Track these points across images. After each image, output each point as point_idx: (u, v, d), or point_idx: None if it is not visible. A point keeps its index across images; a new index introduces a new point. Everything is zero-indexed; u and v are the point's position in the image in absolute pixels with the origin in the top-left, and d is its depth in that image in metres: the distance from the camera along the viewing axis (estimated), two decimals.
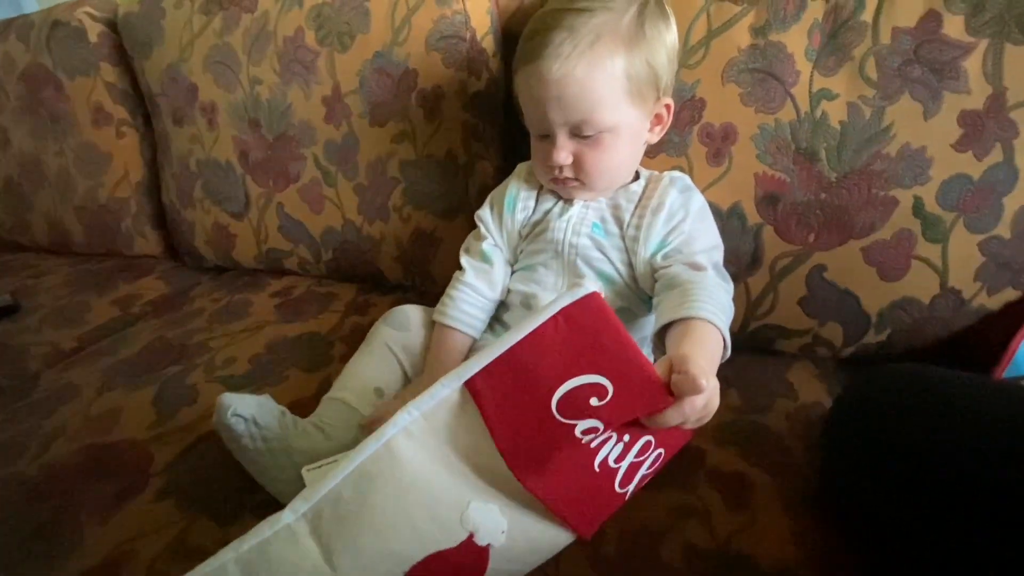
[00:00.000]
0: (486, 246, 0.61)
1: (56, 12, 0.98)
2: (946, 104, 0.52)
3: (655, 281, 0.53)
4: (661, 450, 0.40)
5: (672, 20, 0.54)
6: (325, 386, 0.61)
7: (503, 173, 0.67)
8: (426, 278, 0.80)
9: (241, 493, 0.49)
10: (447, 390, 0.36)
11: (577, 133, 0.52)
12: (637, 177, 0.59)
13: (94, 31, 0.95)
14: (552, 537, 0.40)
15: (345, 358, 0.66)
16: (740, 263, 0.62)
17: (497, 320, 0.61)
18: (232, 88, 0.82)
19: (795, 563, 0.42)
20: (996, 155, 0.52)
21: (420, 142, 0.74)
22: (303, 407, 0.56)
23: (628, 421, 0.36)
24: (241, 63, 0.81)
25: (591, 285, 0.37)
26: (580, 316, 0.36)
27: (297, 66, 0.77)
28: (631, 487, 0.39)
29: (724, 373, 0.61)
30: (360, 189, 0.79)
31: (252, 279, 0.91)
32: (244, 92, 0.81)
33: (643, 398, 0.35)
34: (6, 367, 0.74)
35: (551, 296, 0.57)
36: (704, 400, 0.36)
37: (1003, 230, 0.54)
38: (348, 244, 0.82)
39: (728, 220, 0.61)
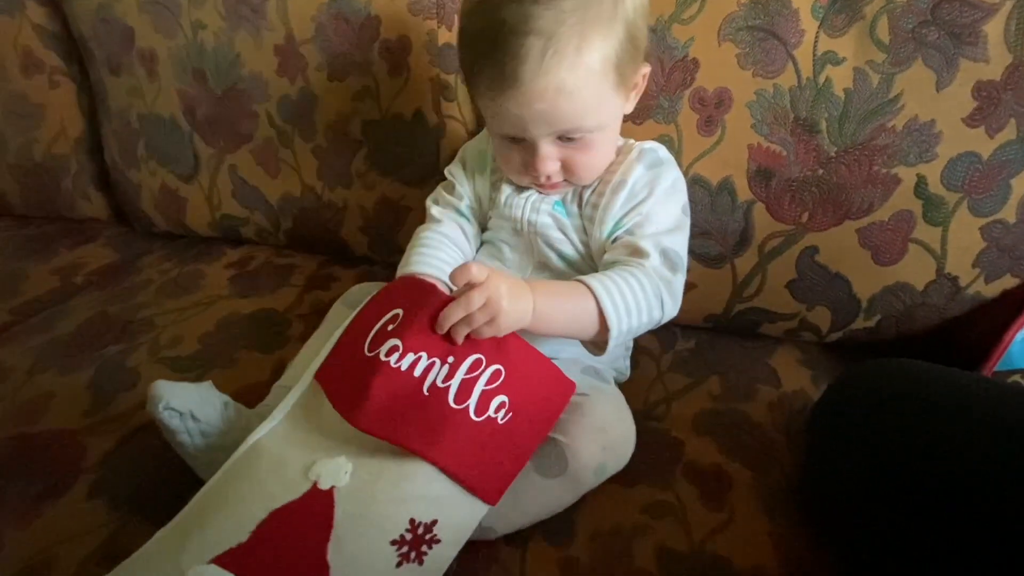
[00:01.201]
0: (458, 201, 0.55)
1: None
2: (961, 73, 0.48)
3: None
4: (498, 366, 0.39)
5: None
6: (280, 369, 0.56)
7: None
8: (394, 250, 0.75)
9: (180, 490, 0.44)
10: (300, 388, 0.43)
11: (563, 138, 0.45)
12: None
13: None
14: (412, 468, 0.37)
15: (303, 338, 0.60)
16: (727, 243, 0.58)
17: None
18: (172, 33, 0.73)
19: (772, 566, 0.40)
20: (1010, 132, 0.48)
21: (384, 100, 0.67)
22: (254, 393, 0.51)
23: (418, 329, 0.39)
24: (181, 5, 0.71)
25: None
26: (392, 287, 0.45)
27: (244, 8, 0.69)
28: (472, 402, 0.38)
29: (706, 357, 0.61)
30: (319, 151, 0.72)
31: (206, 248, 0.84)
32: (186, 38, 0.72)
33: (425, 306, 0.40)
34: None
35: (515, 275, 0.52)
36: (483, 294, 0.37)
37: (1007, 214, 0.50)
38: (308, 212, 0.76)
39: (717, 196, 0.56)
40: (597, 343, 0.44)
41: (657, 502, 0.45)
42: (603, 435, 0.44)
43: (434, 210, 0.55)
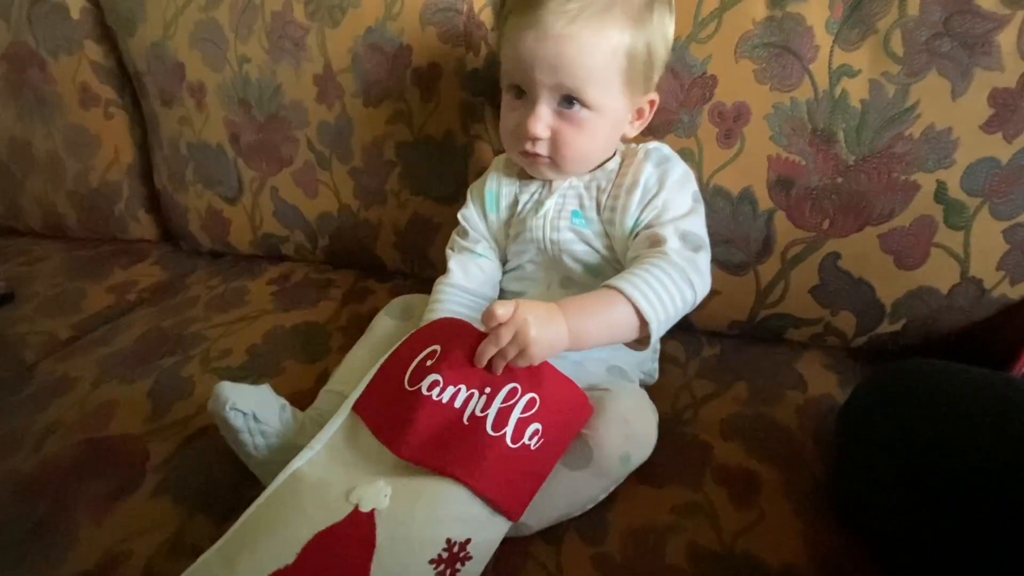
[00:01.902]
0: (473, 244, 0.58)
1: None
2: (976, 82, 0.49)
3: None
4: (533, 394, 0.41)
5: (674, 15, 0.51)
6: (323, 378, 0.60)
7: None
8: (425, 264, 0.78)
9: (238, 488, 0.48)
10: (340, 419, 0.44)
11: (562, 103, 0.48)
12: (614, 154, 0.55)
13: (76, 6, 0.91)
14: (448, 491, 0.39)
15: (344, 349, 0.64)
16: (750, 250, 0.59)
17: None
18: (220, 67, 0.78)
19: (805, 565, 0.41)
20: None
21: (416, 123, 0.71)
22: (301, 400, 0.54)
23: (456, 363, 0.42)
24: (228, 40, 0.77)
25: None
26: (428, 327, 0.47)
27: (286, 43, 0.74)
28: (508, 430, 0.40)
29: (731, 363, 0.62)
30: (355, 172, 0.76)
31: (248, 265, 0.89)
32: (232, 71, 0.78)
33: (461, 342, 0.42)
34: (2, 358, 0.73)
35: (541, 292, 0.55)
36: (510, 330, 0.40)
37: None
38: (344, 230, 0.80)
39: (739, 205, 0.58)
40: (640, 339, 0.45)
41: (688, 503, 0.46)
42: (626, 425, 0.45)
43: (452, 261, 0.58)
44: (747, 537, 0.43)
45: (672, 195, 0.50)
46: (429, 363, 0.43)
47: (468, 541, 0.38)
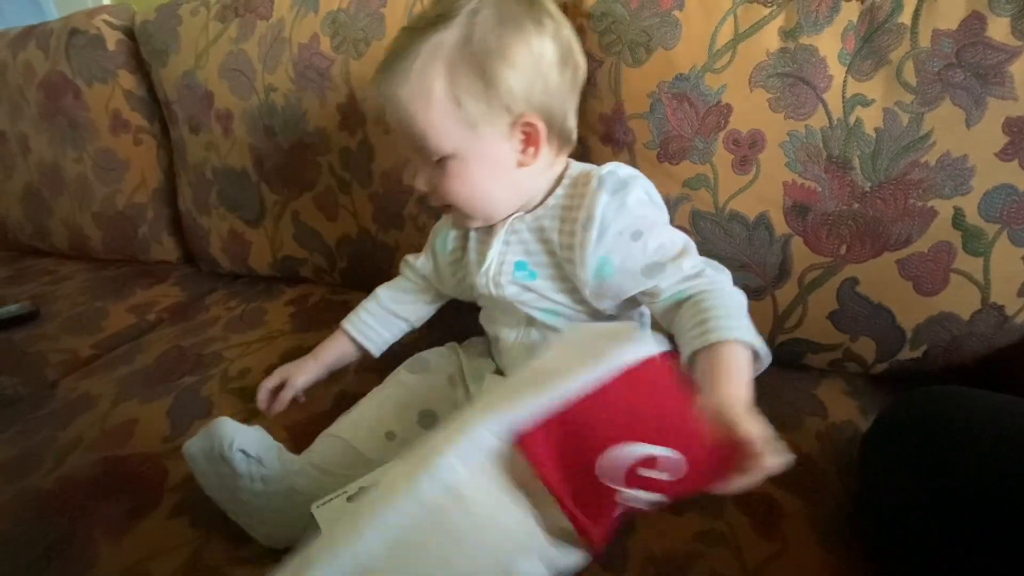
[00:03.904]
0: (414, 275, 0.62)
1: (74, 20, 0.98)
2: (990, 111, 0.50)
3: (623, 302, 0.50)
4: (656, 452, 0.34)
5: (543, 26, 0.45)
6: (341, 400, 0.60)
7: None
8: None
9: None
10: (491, 438, 0.31)
11: (425, 159, 0.48)
12: (558, 185, 0.51)
13: (112, 39, 0.96)
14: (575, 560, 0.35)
15: (360, 371, 0.65)
16: (767, 275, 0.60)
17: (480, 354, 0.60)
18: (247, 96, 0.82)
19: None
20: None
21: None
22: (319, 422, 0.55)
23: (687, 485, 0.33)
24: (256, 70, 0.80)
25: (651, 343, 0.32)
26: (645, 379, 0.32)
27: (312, 73, 0.77)
28: (652, 498, 0.33)
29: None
30: (375, 197, 0.78)
31: (267, 286, 0.91)
32: (259, 99, 0.81)
33: (701, 471, 0.33)
34: (25, 375, 0.74)
35: (514, 337, 0.54)
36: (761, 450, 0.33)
37: None
38: (363, 252, 0.82)
39: (755, 230, 0.59)
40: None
41: (709, 530, 0.45)
42: None
43: (395, 280, 0.63)
44: (771, 567, 0.42)
45: (652, 239, 0.47)
46: (642, 472, 0.32)
47: None
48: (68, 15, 1.01)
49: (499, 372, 0.57)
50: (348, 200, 0.80)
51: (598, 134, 0.64)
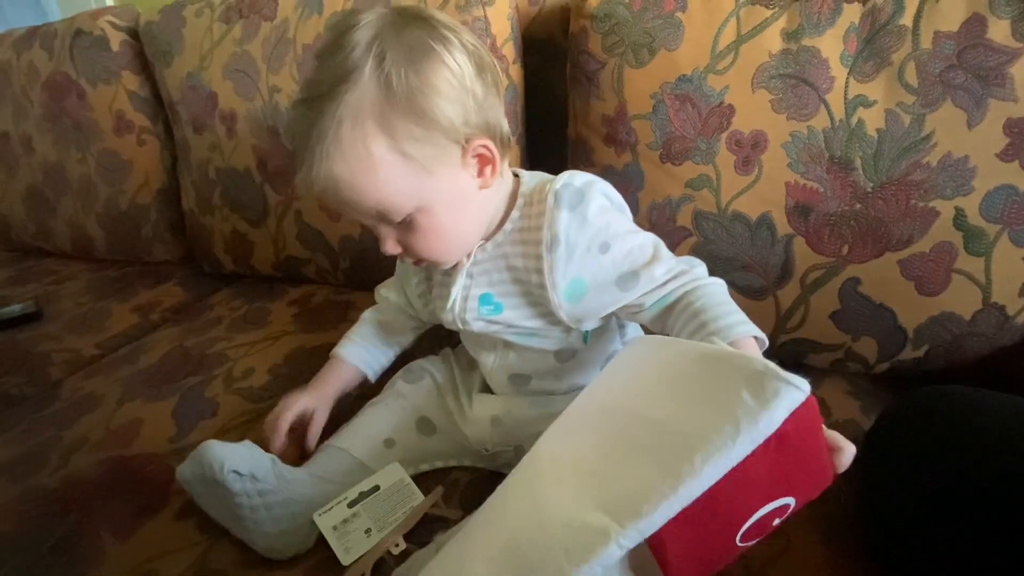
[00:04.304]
0: (390, 307, 0.61)
1: (79, 21, 0.98)
2: (991, 112, 0.50)
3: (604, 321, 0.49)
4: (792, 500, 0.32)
5: (449, 41, 0.41)
6: (344, 400, 0.60)
7: None
8: None
9: None
10: (622, 551, 0.28)
11: (388, 223, 0.43)
12: (512, 207, 0.47)
13: (116, 39, 0.96)
14: None
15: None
16: (769, 276, 0.60)
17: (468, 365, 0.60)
18: (251, 96, 0.82)
19: None
20: None
21: None
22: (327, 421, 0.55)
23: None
24: (260, 71, 0.80)
25: (798, 386, 0.28)
26: (793, 434, 0.29)
27: None
28: (752, 542, 0.32)
29: None
30: None
31: (270, 287, 0.91)
32: (263, 100, 0.81)
33: (814, 494, 0.32)
34: (30, 375, 0.74)
35: (492, 360, 0.53)
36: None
37: None
38: (366, 252, 0.82)
39: (757, 230, 0.59)
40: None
41: None
42: None
43: (372, 308, 0.63)
44: (773, 567, 0.43)
45: (619, 250, 0.45)
46: (776, 522, 0.31)
47: None
48: (72, 16, 1.01)
49: (487, 389, 0.57)
50: None
51: (601, 135, 0.65)
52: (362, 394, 0.60)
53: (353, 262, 0.84)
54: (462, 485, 0.52)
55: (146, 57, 0.94)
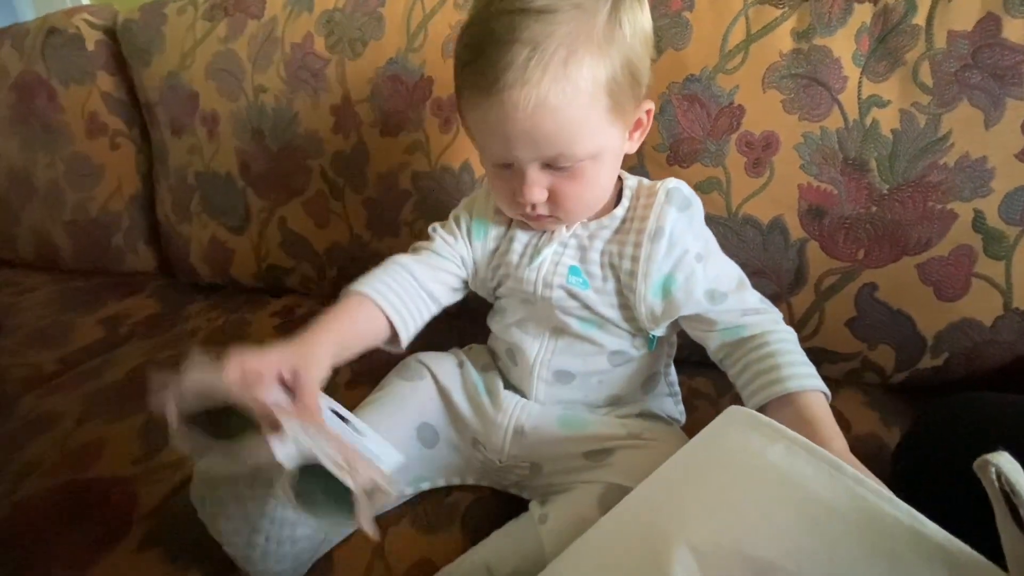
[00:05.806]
0: (451, 252, 0.51)
1: (52, 19, 0.94)
2: (1009, 111, 0.49)
3: (682, 328, 0.48)
4: None
5: (647, 13, 0.43)
6: (333, 391, 0.55)
7: None
8: None
9: None
10: None
11: (552, 165, 0.42)
12: (619, 193, 0.48)
13: (92, 38, 0.92)
14: None
15: (351, 384, 0.61)
16: (782, 281, 0.57)
17: (484, 368, 0.54)
18: (235, 97, 0.78)
19: None
20: None
21: (434, 153, 0.70)
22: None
23: None
24: (246, 70, 0.77)
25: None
26: None
27: (305, 73, 0.74)
28: None
29: None
30: (369, 202, 0.74)
31: (249, 297, 0.86)
32: (248, 101, 0.77)
33: None
34: None
35: (536, 347, 0.49)
36: None
37: None
38: (355, 260, 0.78)
39: (769, 235, 0.57)
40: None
41: None
42: None
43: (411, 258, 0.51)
44: None
45: (713, 265, 0.46)
46: None
47: None
48: (46, 14, 0.96)
49: (511, 387, 0.52)
50: (340, 206, 0.76)
51: None
52: (354, 379, 0.53)
53: (341, 271, 0.79)
54: (463, 508, 0.47)
55: (123, 57, 0.89)
